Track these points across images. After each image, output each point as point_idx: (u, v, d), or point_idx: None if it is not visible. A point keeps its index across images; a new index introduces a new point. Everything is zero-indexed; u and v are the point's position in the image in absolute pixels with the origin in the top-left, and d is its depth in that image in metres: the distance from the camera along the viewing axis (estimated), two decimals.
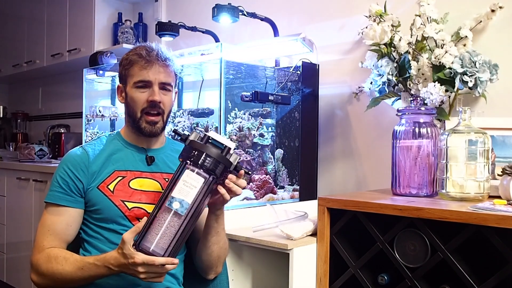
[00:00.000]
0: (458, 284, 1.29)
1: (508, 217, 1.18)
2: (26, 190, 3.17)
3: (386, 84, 1.84)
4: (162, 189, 1.33)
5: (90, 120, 2.72)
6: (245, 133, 2.01)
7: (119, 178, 1.33)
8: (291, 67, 2.07)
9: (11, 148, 4.07)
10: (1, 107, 4.69)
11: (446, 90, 1.67)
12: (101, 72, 2.68)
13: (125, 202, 1.30)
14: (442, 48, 1.71)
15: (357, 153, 2.18)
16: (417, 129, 1.57)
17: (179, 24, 2.30)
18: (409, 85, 1.78)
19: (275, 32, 2.22)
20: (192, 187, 1.15)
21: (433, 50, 1.72)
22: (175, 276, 1.35)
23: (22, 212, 3.20)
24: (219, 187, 1.22)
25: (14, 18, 4.12)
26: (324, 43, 2.24)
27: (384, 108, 1.95)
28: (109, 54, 2.65)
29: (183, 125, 2.24)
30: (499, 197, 1.45)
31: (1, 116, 4.66)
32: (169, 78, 1.36)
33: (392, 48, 1.80)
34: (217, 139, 1.20)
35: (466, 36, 1.73)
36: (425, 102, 1.67)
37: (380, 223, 1.45)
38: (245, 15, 2.09)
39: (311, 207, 1.89)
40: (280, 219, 1.66)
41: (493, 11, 1.73)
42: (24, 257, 3.18)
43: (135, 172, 1.35)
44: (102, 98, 2.92)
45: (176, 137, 1.27)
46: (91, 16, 3.25)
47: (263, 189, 1.92)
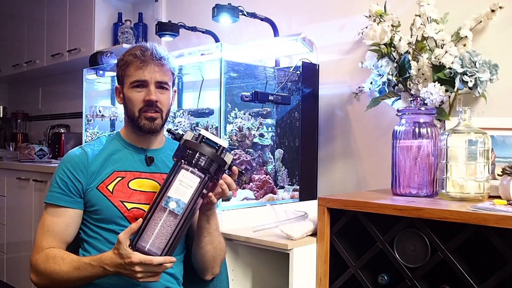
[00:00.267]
0: (458, 284, 1.29)
1: (508, 217, 1.18)
2: (26, 190, 3.17)
3: (386, 84, 1.84)
4: None
5: (90, 120, 2.72)
6: (245, 133, 2.01)
7: (119, 178, 1.33)
8: (291, 67, 2.07)
9: (11, 148, 4.07)
10: (1, 107, 4.69)
11: (446, 90, 1.67)
12: (101, 72, 2.67)
13: (124, 203, 1.30)
14: (442, 48, 1.71)
15: (357, 153, 2.17)
16: (417, 129, 1.57)
17: (179, 24, 2.30)
18: (409, 85, 1.78)
19: (275, 32, 2.22)
20: (188, 187, 1.15)
21: (433, 50, 1.72)
22: (174, 276, 1.35)
23: (22, 212, 3.20)
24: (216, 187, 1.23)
25: (14, 18, 4.12)
26: (324, 43, 2.24)
27: (384, 108, 1.95)
28: (109, 54, 2.65)
29: (183, 125, 2.23)
30: (499, 197, 1.45)
31: (1, 116, 4.66)
32: (165, 76, 1.35)
33: (392, 48, 1.80)
34: (211, 138, 1.20)
35: (466, 36, 1.73)
36: (425, 102, 1.66)
37: (380, 223, 1.45)
38: (245, 15, 2.09)
39: (311, 207, 1.89)
40: (280, 219, 1.65)
41: (493, 11, 1.73)
42: (24, 257, 3.18)
43: (135, 173, 1.35)
44: (102, 98, 2.92)
45: (170, 136, 1.27)
46: (91, 16, 3.26)
47: (263, 189, 1.92)
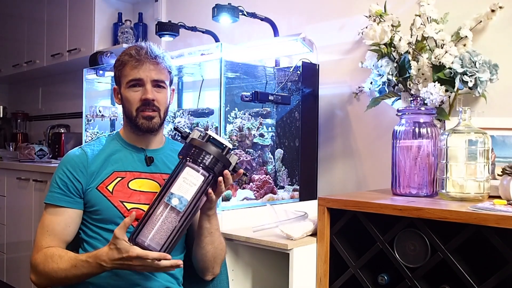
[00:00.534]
0: (458, 284, 1.29)
1: (508, 217, 1.18)
2: (26, 190, 3.16)
3: (386, 84, 1.84)
4: None
5: (90, 120, 2.72)
6: (245, 133, 2.01)
7: (118, 178, 1.33)
8: (291, 67, 2.07)
9: (11, 148, 4.07)
10: (1, 107, 4.68)
11: (446, 90, 1.67)
12: (101, 72, 2.67)
13: (124, 203, 1.30)
14: (442, 48, 1.71)
15: (357, 153, 2.17)
16: (417, 129, 1.57)
17: (179, 24, 2.30)
18: (409, 85, 1.78)
19: (275, 32, 2.22)
20: (192, 185, 1.15)
21: (433, 50, 1.72)
22: (174, 276, 1.35)
23: (22, 212, 3.20)
24: (219, 185, 1.23)
25: (14, 18, 4.12)
26: (324, 43, 2.24)
27: (384, 108, 1.95)
28: (109, 54, 2.65)
29: (183, 125, 2.23)
30: (499, 197, 1.45)
31: (1, 116, 4.66)
32: (161, 75, 1.35)
33: (392, 48, 1.80)
34: (217, 139, 1.20)
35: (466, 36, 1.73)
36: (425, 102, 1.66)
37: (380, 223, 1.45)
38: (245, 15, 2.09)
39: (311, 207, 1.89)
40: (280, 219, 1.65)
41: (493, 11, 1.72)
42: (24, 257, 3.18)
43: (134, 173, 1.35)
44: (102, 98, 2.92)
45: (176, 135, 1.27)
46: (91, 16, 3.25)
47: (263, 189, 1.92)
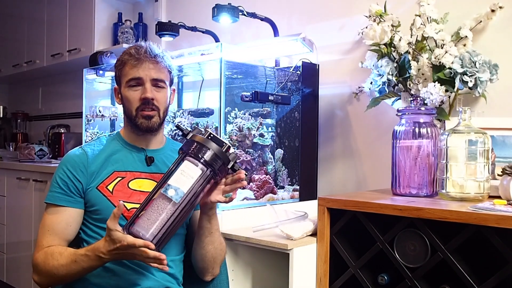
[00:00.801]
0: (458, 284, 1.29)
1: (508, 217, 1.18)
2: (26, 190, 3.16)
3: (386, 84, 1.84)
4: None
5: (90, 120, 2.72)
6: (245, 133, 2.01)
7: (119, 178, 1.33)
8: (291, 67, 2.07)
9: (11, 148, 4.07)
10: (1, 107, 4.68)
11: (446, 90, 1.67)
12: (101, 72, 2.67)
13: (124, 203, 1.30)
14: (442, 48, 1.71)
15: (357, 153, 2.17)
16: (417, 129, 1.57)
17: (179, 24, 2.30)
18: (409, 85, 1.78)
19: (275, 32, 2.22)
20: (189, 177, 1.16)
21: (433, 50, 1.72)
22: (174, 276, 1.35)
23: (22, 212, 3.20)
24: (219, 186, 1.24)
25: (14, 18, 4.12)
26: (324, 43, 2.24)
27: (384, 108, 1.95)
28: (109, 54, 2.65)
29: (184, 125, 2.23)
30: (499, 197, 1.45)
31: (1, 116, 4.66)
32: (161, 74, 1.35)
33: (392, 48, 1.80)
34: (218, 137, 1.22)
35: (466, 36, 1.73)
36: (425, 102, 1.66)
37: (380, 223, 1.45)
38: (245, 15, 2.09)
39: (311, 207, 1.89)
40: (280, 219, 1.66)
41: (493, 11, 1.73)
42: (24, 257, 3.18)
43: (135, 173, 1.35)
44: (102, 98, 2.92)
45: (176, 135, 1.28)
46: (91, 16, 3.25)
47: (263, 189, 1.92)
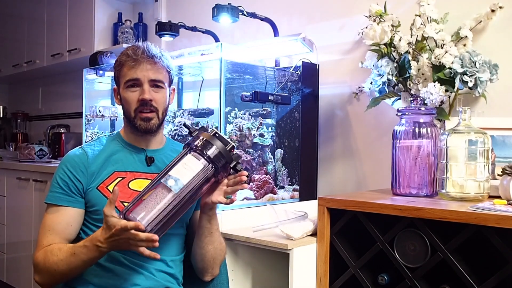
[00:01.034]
0: (458, 284, 1.29)
1: (508, 217, 1.18)
2: (26, 190, 3.16)
3: (386, 84, 1.84)
4: None
5: (90, 120, 2.72)
6: (245, 133, 2.01)
7: (119, 179, 1.33)
8: (291, 67, 2.07)
9: (11, 148, 4.07)
10: (1, 107, 4.68)
11: (446, 90, 1.67)
12: (101, 72, 2.67)
13: (124, 203, 1.29)
14: (442, 48, 1.71)
15: (357, 153, 2.17)
16: (417, 129, 1.57)
17: (179, 24, 2.30)
18: (409, 85, 1.78)
19: (275, 32, 2.22)
20: (191, 170, 1.18)
21: (433, 50, 1.72)
22: (174, 276, 1.35)
23: (22, 212, 3.20)
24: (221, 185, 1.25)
25: (14, 18, 4.12)
26: (324, 43, 2.24)
27: (384, 108, 1.95)
28: (109, 54, 2.64)
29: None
30: (499, 197, 1.45)
31: (1, 116, 4.66)
32: (159, 74, 1.34)
33: (392, 48, 1.80)
34: (223, 136, 1.24)
35: (466, 36, 1.73)
36: (425, 102, 1.66)
37: (380, 223, 1.45)
38: (245, 15, 2.09)
39: (311, 207, 1.89)
40: (280, 219, 1.66)
41: (493, 11, 1.73)
42: (24, 257, 3.18)
43: (135, 173, 1.35)
44: (102, 98, 2.92)
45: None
46: (91, 16, 3.25)
47: (263, 189, 1.92)
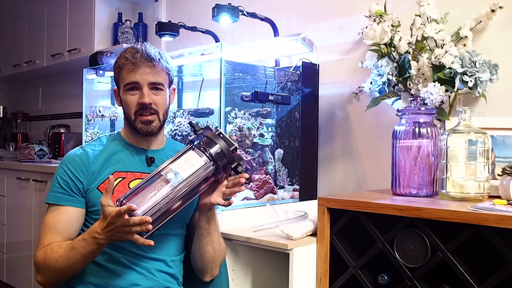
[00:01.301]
0: (458, 284, 1.29)
1: (508, 217, 1.18)
2: (26, 190, 3.16)
3: (386, 84, 1.84)
4: None
5: (90, 120, 2.72)
6: (245, 133, 2.01)
7: (119, 179, 1.33)
8: (291, 67, 2.07)
9: (11, 148, 4.07)
10: (1, 107, 4.68)
11: (446, 90, 1.67)
12: (101, 72, 2.67)
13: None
14: (442, 48, 1.71)
15: (357, 153, 2.17)
16: (417, 129, 1.57)
17: (179, 24, 2.30)
18: (409, 85, 1.78)
19: (275, 32, 2.22)
20: (191, 165, 1.18)
21: (433, 50, 1.72)
22: (174, 276, 1.35)
23: (22, 212, 3.20)
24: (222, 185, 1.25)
25: (14, 18, 4.12)
26: (324, 43, 2.24)
27: (384, 108, 1.95)
28: (109, 54, 2.65)
29: (184, 125, 2.23)
30: (499, 197, 1.45)
31: (1, 116, 4.66)
32: (158, 77, 1.34)
33: (392, 48, 1.80)
34: (227, 137, 1.25)
35: (466, 36, 1.73)
36: (425, 102, 1.66)
37: (380, 223, 1.45)
38: (245, 15, 2.09)
39: (311, 207, 1.89)
40: (280, 219, 1.66)
41: (493, 11, 1.73)
42: (24, 257, 3.18)
43: (135, 173, 1.35)
44: (102, 98, 2.92)
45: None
46: (91, 16, 3.25)
47: (263, 189, 1.92)
